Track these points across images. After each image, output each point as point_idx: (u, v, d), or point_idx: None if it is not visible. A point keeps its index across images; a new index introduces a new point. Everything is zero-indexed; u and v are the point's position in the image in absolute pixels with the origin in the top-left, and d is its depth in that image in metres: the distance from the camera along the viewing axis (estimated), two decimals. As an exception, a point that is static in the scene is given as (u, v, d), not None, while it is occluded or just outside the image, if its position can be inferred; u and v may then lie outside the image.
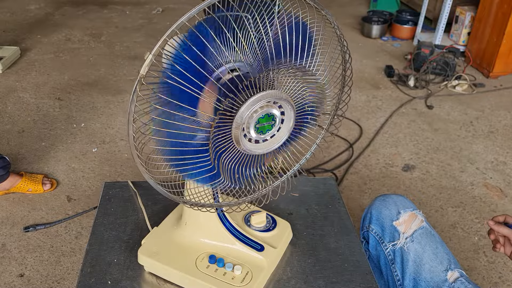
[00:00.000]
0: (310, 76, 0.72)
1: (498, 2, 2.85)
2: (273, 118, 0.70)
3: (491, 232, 0.99)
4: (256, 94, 0.65)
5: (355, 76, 3.03)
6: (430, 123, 2.48)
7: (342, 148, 2.24)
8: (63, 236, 1.68)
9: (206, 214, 0.90)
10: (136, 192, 1.13)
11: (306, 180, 1.22)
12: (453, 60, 2.88)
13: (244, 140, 0.69)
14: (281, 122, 0.72)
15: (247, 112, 0.65)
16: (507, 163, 2.18)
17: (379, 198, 1.10)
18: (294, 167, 0.85)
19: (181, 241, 0.93)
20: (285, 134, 0.74)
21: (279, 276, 0.94)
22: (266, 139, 0.72)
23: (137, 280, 0.91)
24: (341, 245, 1.01)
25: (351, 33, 3.63)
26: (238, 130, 0.66)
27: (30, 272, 1.54)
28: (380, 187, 1.99)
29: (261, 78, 0.65)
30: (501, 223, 0.96)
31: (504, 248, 0.97)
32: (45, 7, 3.90)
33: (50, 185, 1.87)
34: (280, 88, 0.68)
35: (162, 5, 4.02)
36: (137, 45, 3.25)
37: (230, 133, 0.66)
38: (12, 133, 2.24)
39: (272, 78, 0.66)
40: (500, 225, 0.95)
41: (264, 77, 0.65)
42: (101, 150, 2.15)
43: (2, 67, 2.79)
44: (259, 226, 0.98)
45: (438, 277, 0.97)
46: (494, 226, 0.96)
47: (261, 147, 0.73)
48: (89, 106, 2.50)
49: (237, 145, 0.68)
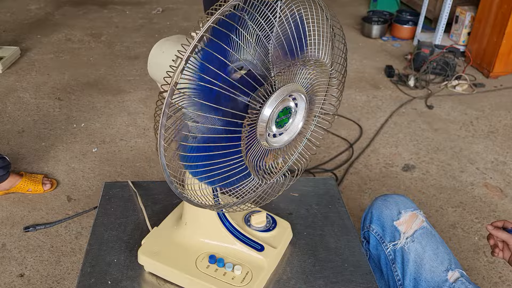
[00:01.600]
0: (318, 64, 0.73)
1: (498, 2, 2.85)
2: (290, 111, 0.71)
3: (490, 237, 1.00)
4: (279, 89, 0.66)
5: (355, 76, 3.04)
6: (430, 123, 2.48)
7: (342, 148, 2.24)
8: (63, 236, 1.68)
9: (206, 214, 0.90)
10: (136, 192, 1.13)
11: (306, 180, 1.22)
12: (453, 60, 2.88)
13: (266, 135, 0.70)
14: (295, 113, 0.74)
15: (272, 108, 0.66)
16: (507, 163, 2.18)
17: (380, 198, 1.10)
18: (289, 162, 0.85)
19: (181, 241, 0.93)
20: (299, 124, 0.75)
21: (279, 276, 0.94)
22: (282, 132, 0.74)
23: (137, 280, 0.91)
24: (341, 245, 1.01)
25: (351, 33, 3.63)
26: (264, 126, 0.67)
27: (30, 272, 1.54)
28: (380, 187, 1.99)
29: (283, 73, 0.66)
30: (499, 228, 0.96)
31: (502, 253, 0.97)
32: (45, 7, 3.90)
33: (50, 185, 1.87)
34: (296, 81, 0.70)
35: (162, 5, 4.02)
36: (137, 45, 3.25)
37: (255, 130, 0.67)
38: (12, 133, 2.24)
39: (290, 72, 0.68)
40: (499, 230, 0.95)
41: (285, 72, 0.67)
42: (101, 150, 2.15)
43: (2, 67, 2.79)
44: (259, 226, 0.98)
45: (438, 277, 0.97)
46: (492, 231, 0.96)
47: (279, 140, 0.74)
48: (89, 106, 2.50)
49: (261, 141, 0.69)
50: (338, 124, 2.43)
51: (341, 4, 4.27)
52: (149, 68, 0.84)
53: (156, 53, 0.82)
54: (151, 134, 2.29)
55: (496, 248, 0.98)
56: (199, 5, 1.86)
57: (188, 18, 3.77)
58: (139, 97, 2.60)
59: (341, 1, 4.33)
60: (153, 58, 0.82)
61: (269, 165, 0.77)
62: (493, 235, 0.98)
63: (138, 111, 2.47)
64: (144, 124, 2.36)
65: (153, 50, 0.82)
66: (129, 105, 2.53)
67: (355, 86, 2.84)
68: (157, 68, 0.80)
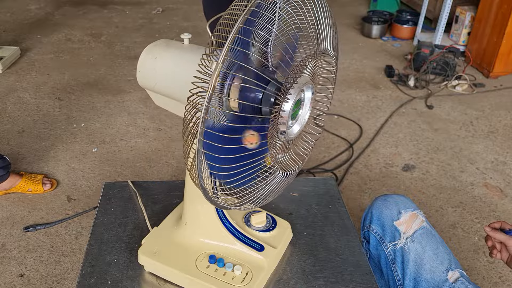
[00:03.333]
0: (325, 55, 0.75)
1: (498, 2, 2.85)
2: (300, 102, 0.73)
3: (488, 239, 1.00)
4: (297, 83, 0.67)
5: (355, 76, 3.04)
6: (430, 123, 2.48)
7: (342, 148, 2.24)
8: (63, 236, 1.68)
9: (206, 214, 0.90)
10: (136, 192, 1.13)
11: (306, 180, 1.22)
12: (453, 60, 2.88)
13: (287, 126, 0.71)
14: (303, 104, 0.75)
15: (291, 102, 0.67)
16: (507, 163, 2.18)
17: (380, 198, 1.10)
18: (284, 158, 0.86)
19: (181, 241, 0.93)
20: (306, 115, 0.76)
21: (279, 276, 0.94)
22: (293, 124, 0.75)
23: (137, 280, 0.91)
24: (341, 245, 1.01)
25: (351, 33, 3.63)
26: (285, 121, 0.68)
27: (30, 272, 1.54)
28: (380, 187, 1.99)
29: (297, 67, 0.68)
30: (497, 229, 0.96)
31: (500, 254, 0.97)
32: (45, 7, 3.90)
33: (50, 185, 1.87)
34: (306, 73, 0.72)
35: (162, 5, 4.02)
36: (137, 45, 3.25)
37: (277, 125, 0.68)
38: (12, 133, 2.24)
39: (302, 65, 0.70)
40: (496, 231, 0.95)
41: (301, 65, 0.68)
42: (101, 150, 2.15)
43: (2, 67, 2.79)
44: (259, 226, 0.98)
45: (438, 277, 0.97)
46: (490, 233, 0.96)
47: (292, 132, 0.75)
48: (89, 106, 2.50)
49: (280, 136, 0.70)
50: (338, 124, 2.43)
51: (341, 4, 4.27)
52: (140, 76, 0.82)
53: (147, 60, 0.80)
54: (151, 134, 2.29)
55: (494, 249, 0.98)
56: (199, 5, 1.86)
57: (188, 18, 3.77)
58: (139, 97, 2.60)
59: (341, 1, 4.33)
60: (145, 65, 0.81)
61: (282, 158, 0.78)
62: (490, 236, 0.98)
63: (138, 111, 2.47)
64: (144, 124, 2.36)
65: (143, 57, 0.81)
66: (129, 105, 2.53)
67: (355, 86, 2.84)
68: (152, 75, 0.80)
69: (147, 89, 0.85)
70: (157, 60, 0.79)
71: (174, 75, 0.78)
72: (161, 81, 0.80)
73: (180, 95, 0.76)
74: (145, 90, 0.86)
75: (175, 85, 0.78)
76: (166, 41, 0.83)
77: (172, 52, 0.80)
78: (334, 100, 2.65)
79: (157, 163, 2.09)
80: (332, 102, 2.80)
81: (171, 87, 0.80)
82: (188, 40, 0.81)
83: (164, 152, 2.16)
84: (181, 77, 0.76)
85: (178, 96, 0.79)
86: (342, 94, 2.73)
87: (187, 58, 0.77)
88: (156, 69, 0.80)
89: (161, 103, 0.86)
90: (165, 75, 0.80)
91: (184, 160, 0.66)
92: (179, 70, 0.77)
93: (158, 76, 0.80)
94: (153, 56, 0.80)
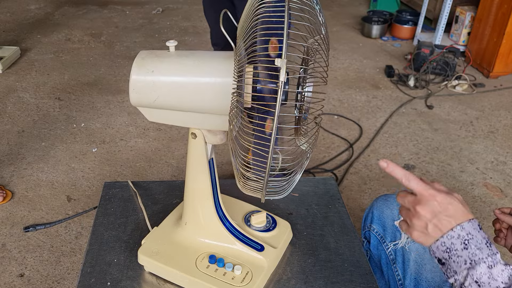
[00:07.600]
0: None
1: (498, 2, 2.85)
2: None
3: (496, 222, 0.99)
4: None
5: (355, 76, 3.04)
6: (430, 123, 2.48)
7: (342, 148, 2.24)
8: (63, 236, 1.68)
9: (206, 214, 0.90)
10: (136, 192, 1.13)
11: (306, 180, 1.22)
12: (453, 60, 2.88)
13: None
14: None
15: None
16: (507, 163, 2.18)
17: (380, 197, 1.10)
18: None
19: (181, 241, 0.93)
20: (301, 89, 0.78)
21: (279, 276, 0.93)
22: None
23: (137, 280, 0.91)
24: (341, 245, 1.01)
25: (351, 33, 3.63)
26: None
27: (30, 272, 1.54)
28: (380, 187, 1.99)
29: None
30: (507, 214, 0.96)
31: (505, 241, 0.97)
32: (45, 7, 3.90)
33: (2, 198, 1.79)
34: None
35: (162, 5, 4.02)
36: (137, 45, 3.25)
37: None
38: (12, 133, 2.24)
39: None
40: (506, 215, 0.95)
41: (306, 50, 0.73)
42: (101, 150, 2.15)
43: (2, 67, 2.79)
44: (259, 226, 0.98)
45: (439, 277, 0.96)
46: (499, 215, 0.95)
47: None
48: (89, 106, 2.50)
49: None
50: (338, 124, 2.43)
51: (341, 4, 4.27)
52: (135, 97, 0.78)
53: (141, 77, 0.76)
54: (151, 134, 2.29)
55: (501, 233, 0.97)
56: (199, 5, 1.86)
57: (188, 18, 3.77)
58: (139, 97, 2.60)
59: (341, 1, 4.33)
60: (140, 82, 0.76)
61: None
62: (499, 219, 0.97)
63: (138, 111, 2.45)
64: (144, 124, 2.36)
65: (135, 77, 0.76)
66: (129, 105, 2.53)
67: (355, 86, 2.84)
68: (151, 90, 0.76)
69: (143, 107, 0.81)
70: (155, 74, 0.76)
71: (185, 85, 0.76)
72: (164, 95, 0.77)
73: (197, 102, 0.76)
74: (138, 108, 0.81)
75: (186, 94, 0.76)
76: (150, 53, 0.79)
77: (169, 62, 0.77)
78: (334, 100, 2.65)
79: (157, 163, 2.09)
80: (332, 102, 2.78)
81: (180, 98, 0.77)
82: (174, 47, 0.78)
83: (164, 152, 2.16)
84: (198, 84, 0.76)
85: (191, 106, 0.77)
86: (342, 94, 2.73)
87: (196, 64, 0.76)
88: (156, 82, 0.76)
89: (159, 118, 0.83)
90: (171, 87, 0.77)
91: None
92: (190, 79, 0.76)
93: (159, 90, 0.77)
94: (148, 70, 0.76)
